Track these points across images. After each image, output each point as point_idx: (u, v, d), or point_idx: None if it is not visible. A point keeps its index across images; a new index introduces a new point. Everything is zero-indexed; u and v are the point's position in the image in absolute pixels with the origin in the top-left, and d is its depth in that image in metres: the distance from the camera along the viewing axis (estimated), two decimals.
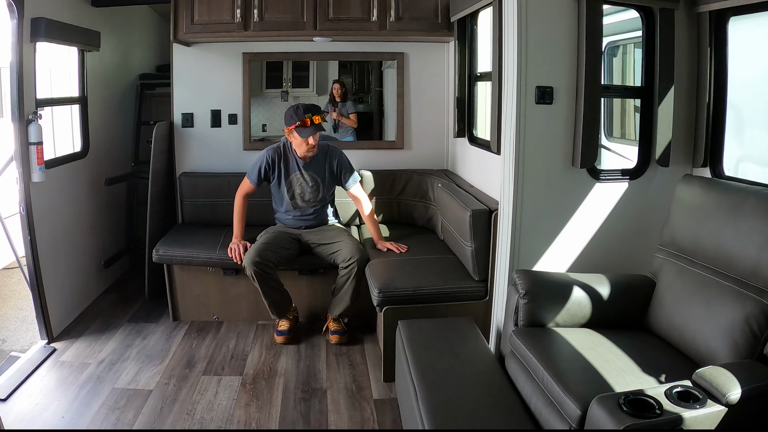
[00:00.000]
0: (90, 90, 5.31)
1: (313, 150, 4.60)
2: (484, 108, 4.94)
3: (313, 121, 4.49)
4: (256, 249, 4.51)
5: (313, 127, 4.50)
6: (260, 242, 4.60)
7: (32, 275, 4.42)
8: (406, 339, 3.45)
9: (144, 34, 6.88)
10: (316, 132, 4.51)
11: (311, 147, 4.57)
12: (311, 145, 4.55)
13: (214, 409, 3.76)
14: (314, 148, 4.59)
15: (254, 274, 4.45)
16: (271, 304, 4.61)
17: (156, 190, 5.14)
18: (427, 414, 2.75)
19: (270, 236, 4.68)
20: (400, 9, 5.06)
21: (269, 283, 4.54)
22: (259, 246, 4.54)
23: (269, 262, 4.49)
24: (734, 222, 2.87)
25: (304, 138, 4.51)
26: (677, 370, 2.72)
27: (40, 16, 4.31)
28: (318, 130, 4.52)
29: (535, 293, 3.22)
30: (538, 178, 3.58)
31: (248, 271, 4.47)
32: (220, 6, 5.00)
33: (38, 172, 4.29)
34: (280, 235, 4.72)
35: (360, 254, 4.51)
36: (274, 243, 4.61)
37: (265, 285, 4.51)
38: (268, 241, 4.61)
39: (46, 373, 4.13)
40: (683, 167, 3.74)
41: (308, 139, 4.51)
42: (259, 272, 4.45)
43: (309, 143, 4.54)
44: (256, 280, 4.48)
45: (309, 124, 4.49)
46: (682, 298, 3.05)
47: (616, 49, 5.07)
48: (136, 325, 4.93)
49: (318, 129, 4.52)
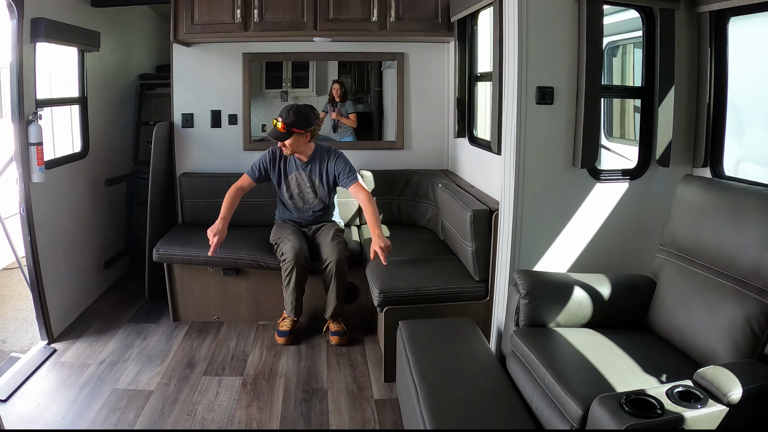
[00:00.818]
0: (90, 90, 5.30)
1: (286, 150, 4.61)
2: (484, 108, 4.94)
3: (275, 126, 4.50)
4: (296, 241, 4.53)
5: (272, 131, 4.52)
6: (293, 237, 4.60)
7: (32, 276, 4.41)
8: (407, 339, 3.45)
9: (144, 35, 6.88)
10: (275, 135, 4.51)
11: (281, 146, 4.61)
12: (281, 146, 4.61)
13: (214, 409, 3.76)
14: (285, 148, 4.59)
15: (296, 267, 4.46)
16: (295, 300, 4.60)
17: (156, 191, 5.15)
18: (429, 414, 2.75)
19: (292, 231, 4.69)
20: (400, 9, 5.07)
21: (302, 277, 4.55)
22: (296, 240, 4.56)
23: (308, 255, 4.55)
24: (734, 222, 2.87)
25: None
26: (678, 370, 2.72)
27: (40, 16, 4.31)
28: (275, 135, 4.51)
29: (535, 293, 3.22)
30: (539, 179, 3.58)
31: (289, 264, 4.47)
32: (220, 6, 5.01)
33: (38, 173, 4.29)
34: (296, 228, 4.77)
35: (337, 255, 4.51)
36: (302, 237, 4.67)
37: (299, 279, 4.53)
38: (296, 235, 4.64)
39: (46, 373, 4.13)
40: (683, 167, 3.74)
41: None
42: (302, 265, 4.49)
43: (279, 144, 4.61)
44: (293, 274, 4.48)
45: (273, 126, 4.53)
46: (683, 298, 3.06)
47: (616, 49, 5.08)
48: (136, 326, 4.93)
49: (275, 134, 4.50)
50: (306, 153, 4.69)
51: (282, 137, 4.50)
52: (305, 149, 4.65)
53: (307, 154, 4.70)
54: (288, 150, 4.59)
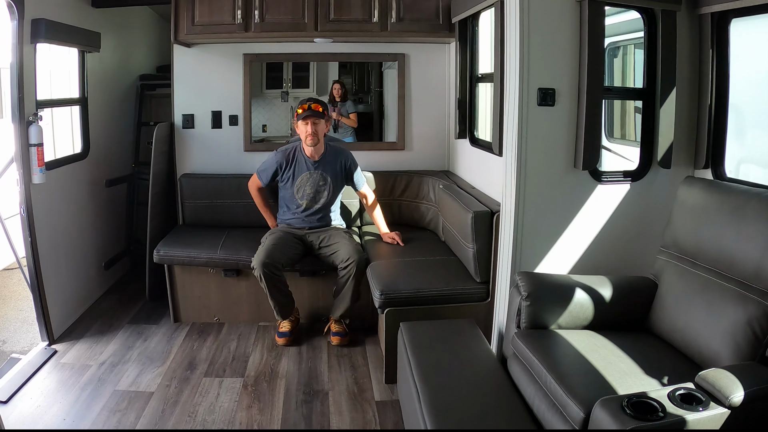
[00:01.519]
0: (90, 91, 5.30)
1: (312, 138, 4.64)
2: (485, 109, 4.94)
3: (310, 107, 4.60)
4: (266, 250, 4.51)
5: (308, 111, 4.60)
6: (268, 243, 4.59)
7: (33, 276, 4.41)
8: (408, 341, 3.45)
9: (144, 35, 6.87)
10: (310, 116, 4.60)
11: (309, 134, 4.64)
12: (309, 132, 4.63)
13: (215, 411, 3.75)
14: (313, 136, 4.64)
15: (263, 275, 4.44)
16: (277, 305, 4.60)
17: (156, 192, 5.14)
18: (430, 416, 2.75)
19: (276, 237, 4.68)
20: (401, 10, 5.06)
21: (277, 284, 4.53)
22: (268, 247, 4.54)
23: (278, 263, 4.50)
24: (736, 224, 2.87)
25: (301, 120, 4.64)
26: (680, 373, 2.72)
27: (41, 17, 4.30)
28: (313, 114, 4.60)
29: (537, 295, 3.22)
30: (540, 180, 3.58)
31: (257, 272, 4.47)
32: (220, 7, 5.00)
33: (39, 174, 4.29)
34: (286, 236, 4.73)
35: (358, 255, 4.52)
36: (282, 244, 4.62)
37: (272, 286, 4.51)
38: (275, 242, 4.61)
39: (47, 375, 4.13)
40: (685, 169, 3.74)
41: (305, 124, 4.63)
42: (268, 273, 4.45)
43: (306, 129, 4.64)
44: (264, 282, 4.47)
45: (306, 109, 4.60)
46: (684, 300, 3.05)
47: (617, 50, 5.07)
48: (137, 327, 4.93)
49: (312, 113, 4.60)
50: (318, 151, 4.76)
51: (320, 116, 4.64)
52: (321, 143, 4.74)
53: (320, 152, 4.77)
54: (314, 139, 4.66)
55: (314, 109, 4.60)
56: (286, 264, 4.58)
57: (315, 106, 4.61)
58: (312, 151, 4.73)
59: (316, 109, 4.60)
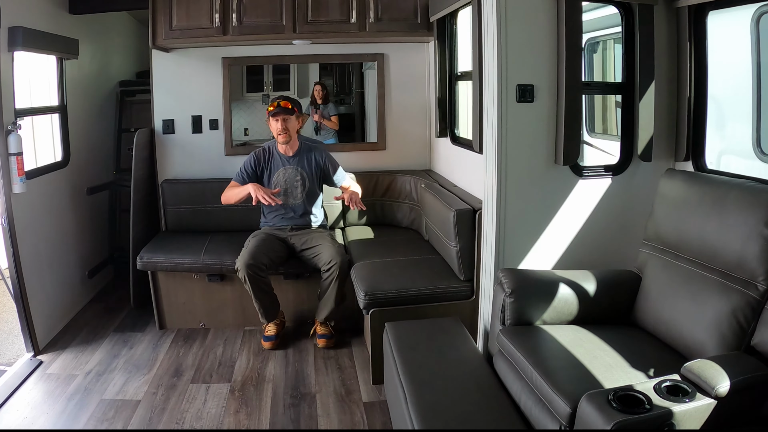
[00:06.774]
0: (69, 98, 5.26)
1: (284, 135, 4.68)
2: (465, 107, 4.94)
3: (279, 104, 4.64)
4: (249, 251, 4.50)
5: (277, 108, 4.64)
6: (252, 245, 4.58)
7: (16, 287, 4.37)
8: (393, 341, 3.45)
9: (123, 41, 6.84)
10: (280, 113, 4.63)
11: (280, 130, 4.67)
12: (279, 129, 4.67)
13: (203, 417, 3.74)
14: (285, 133, 4.68)
15: (247, 277, 4.43)
16: (262, 307, 4.59)
17: (138, 198, 5.11)
18: (417, 415, 2.75)
19: (260, 239, 4.67)
20: (379, 10, 5.05)
21: (261, 286, 4.52)
22: (252, 249, 4.53)
23: (262, 264, 4.49)
24: (718, 215, 2.88)
25: (272, 117, 4.68)
26: (665, 364, 2.73)
27: (18, 25, 4.26)
28: (282, 111, 4.64)
29: (521, 292, 3.22)
30: (521, 177, 3.58)
31: (241, 274, 4.45)
32: (198, 11, 4.98)
33: (19, 183, 4.25)
34: (269, 238, 4.72)
35: (341, 257, 4.51)
36: (265, 246, 4.61)
37: (257, 288, 4.50)
38: (259, 244, 4.60)
39: (33, 386, 4.09)
40: (666, 162, 3.76)
41: (276, 121, 4.66)
42: (253, 275, 4.44)
43: (277, 126, 4.67)
44: (248, 283, 4.46)
45: (276, 106, 4.63)
46: (668, 292, 3.06)
47: (596, 45, 5.09)
48: (122, 335, 4.90)
49: (281, 110, 4.64)
50: (293, 147, 4.78)
51: (289, 112, 4.66)
52: (294, 139, 4.77)
53: (294, 148, 4.79)
54: (286, 136, 4.69)
55: (283, 106, 4.63)
56: (269, 265, 4.56)
57: (284, 103, 4.64)
58: (285, 148, 4.77)
59: (285, 106, 4.63)
